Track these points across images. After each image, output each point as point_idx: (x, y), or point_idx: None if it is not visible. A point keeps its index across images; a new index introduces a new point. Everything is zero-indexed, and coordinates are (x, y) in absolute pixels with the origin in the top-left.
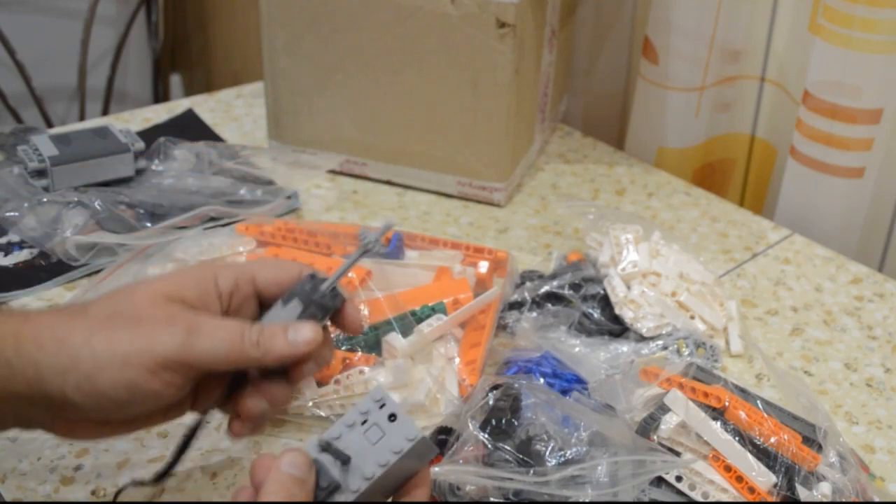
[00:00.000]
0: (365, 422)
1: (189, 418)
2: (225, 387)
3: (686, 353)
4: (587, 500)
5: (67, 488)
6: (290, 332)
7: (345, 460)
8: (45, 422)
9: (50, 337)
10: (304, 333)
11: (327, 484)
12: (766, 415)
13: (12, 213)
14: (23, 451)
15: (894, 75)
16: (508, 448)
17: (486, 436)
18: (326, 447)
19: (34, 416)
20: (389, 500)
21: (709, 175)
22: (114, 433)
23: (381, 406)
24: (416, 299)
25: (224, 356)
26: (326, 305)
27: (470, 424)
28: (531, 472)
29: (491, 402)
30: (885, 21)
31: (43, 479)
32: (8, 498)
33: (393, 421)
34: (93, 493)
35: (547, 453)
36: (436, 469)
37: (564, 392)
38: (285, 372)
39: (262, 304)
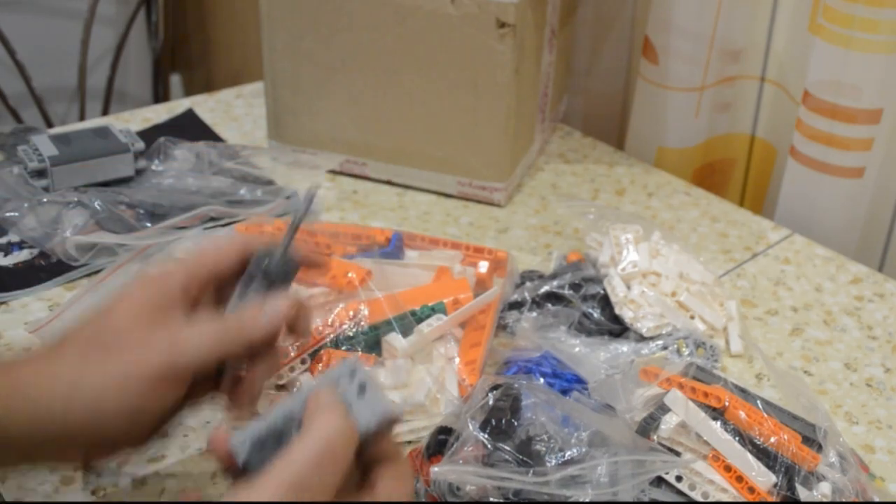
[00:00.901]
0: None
1: (191, 420)
2: (212, 378)
3: (686, 353)
4: (587, 500)
5: (67, 488)
6: (266, 308)
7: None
8: (78, 457)
9: (35, 386)
10: (278, 306)
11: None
12: (766, 415)
13: (12, 213)
14: None
15: (894, 75)
16: (508, 448)
17: (486, 436)
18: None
19: (68, 456)
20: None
21: (709, 175)
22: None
23: (353, 375)
24: (416, 299)
25: (211, 354)
26: (281, 274)
27: (470, 424)
28: (531, 472)
29: (491, 402)
30: (885, 21)
31: (43, 479)
32: (8, 498)
33: (362, 395)
34: (93, 493)
35: (547, 453)
36: (435, 469)
37: (564, 392)
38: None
39: (221, 286)
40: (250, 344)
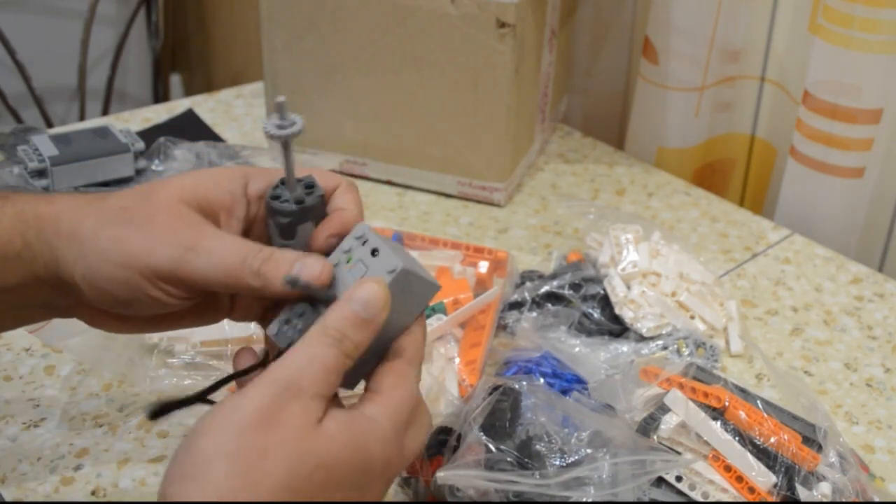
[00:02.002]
0: (349, 260)
1: (191, 420)
2: (261, 305)
3: (686, 353)
4: (587, 501)
5: (67, 488)
6: (297, 266)
7: (329, 299)
8: (70, 307)
9: (67, 222)
10: (311, 269)
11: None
12: (766, 415)
13: None
14: (23, 451)
15: (894, 75)
16: (508, 449)
17: (487, 437)
18: (302, 286)
19: (58, 301)
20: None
21: (709, 175)
22: (139, 330)
23: (364, 242)
24: None
25: (220, 280)
26: (290, 211)
27: (470, 425)
28: (537, 474)
29: (491, 403)
30: (885, 21)
31: (43, 479)
32: (8, 498)
33: (375, 255)
34: (93, 493)
35: (547, 454)
36: (441, 474)
37: (564, 392)
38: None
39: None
40: (265, 291)
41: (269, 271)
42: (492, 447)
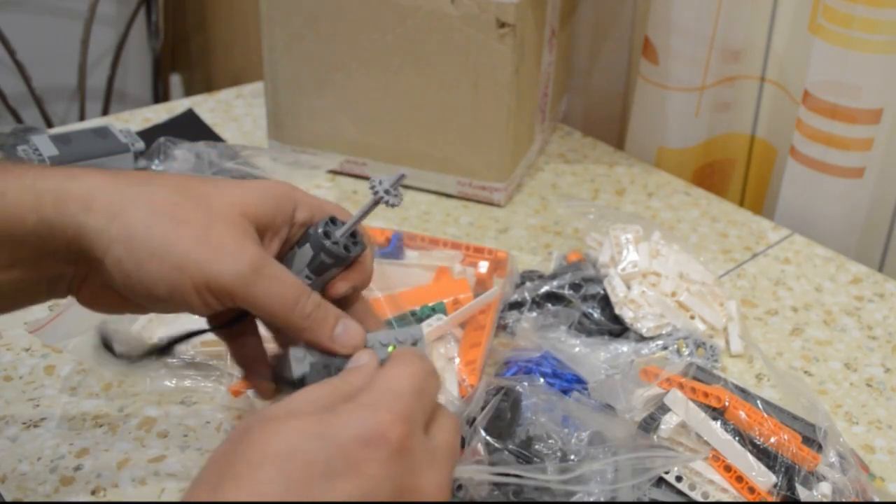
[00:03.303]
0: (392, 347)
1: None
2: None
3: (686, 353)
4: (587, 500)
5: (67, 488)
6: (339, 327)
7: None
8: (72, 286)
9: (103, 202)
10: (352, 336)
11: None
12: (766, 415)
13: None
14: (23, 451)
15: (894, 75)
16: (509, 448)
17: (487, 436)
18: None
19: (66, 273)
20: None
21: (709, 175)
22: (134, 311)
23: (414, 343)
24: (416, 299)
25: (272, 309)
26: (339, 255)
27: (471, 425)
28: (548, 469)
29: (491, 403)
30: (885, 21)
31: (43, 479)
32: (8, 498)
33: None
34: (93, 493)
35: (547, 454)
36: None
37: (564, 392)
38: None
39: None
40: (304, 336)
41: (317, 320)
42: (498, 445)
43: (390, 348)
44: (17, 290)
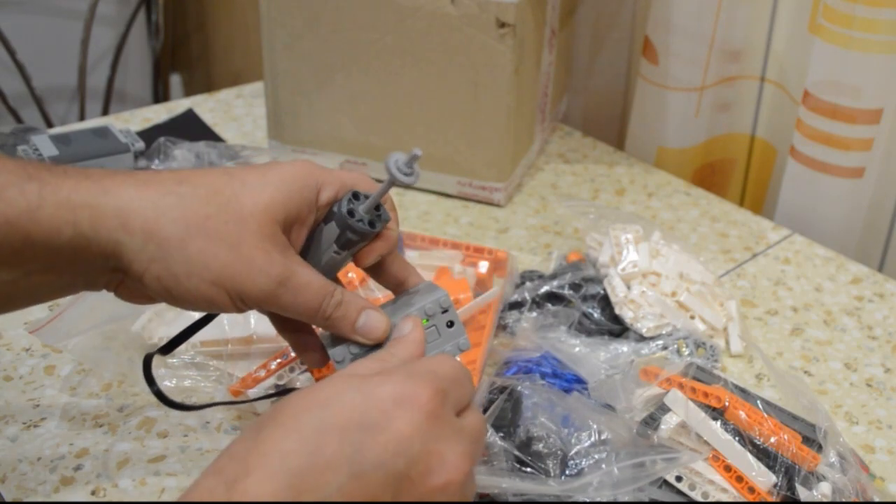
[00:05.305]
0: (426, 321)
1: (191, 420)
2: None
3: (686, 353)
4: (587, 500)
5: (67, 488)
6: (362, 318)
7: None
8: (110, 286)
9: (139, 221)
10: (374, 327)
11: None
12: (766, 415)
13: None
14: (23, 451)
15: (894, 75)
16: (509, 448)
17: (488, 437)
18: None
19: (100, 281)
20: None
21: (709, 175)
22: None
23: (444, 311)
24: None
25: (297, 315)
26: (364, 231)
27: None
28: (552, 479)
29: (496, 403)
30: (885, 21)
31: (43, 479)
32: (8, 498)
33: (450, 327)
34: (93, 493)
35: (547, 454)
36: None
37: (564, 392)
38: None
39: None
40: (331, 330)
41: (339, 318)
42: (503, 444)
43: (423, 321)
44: (53, 290)
